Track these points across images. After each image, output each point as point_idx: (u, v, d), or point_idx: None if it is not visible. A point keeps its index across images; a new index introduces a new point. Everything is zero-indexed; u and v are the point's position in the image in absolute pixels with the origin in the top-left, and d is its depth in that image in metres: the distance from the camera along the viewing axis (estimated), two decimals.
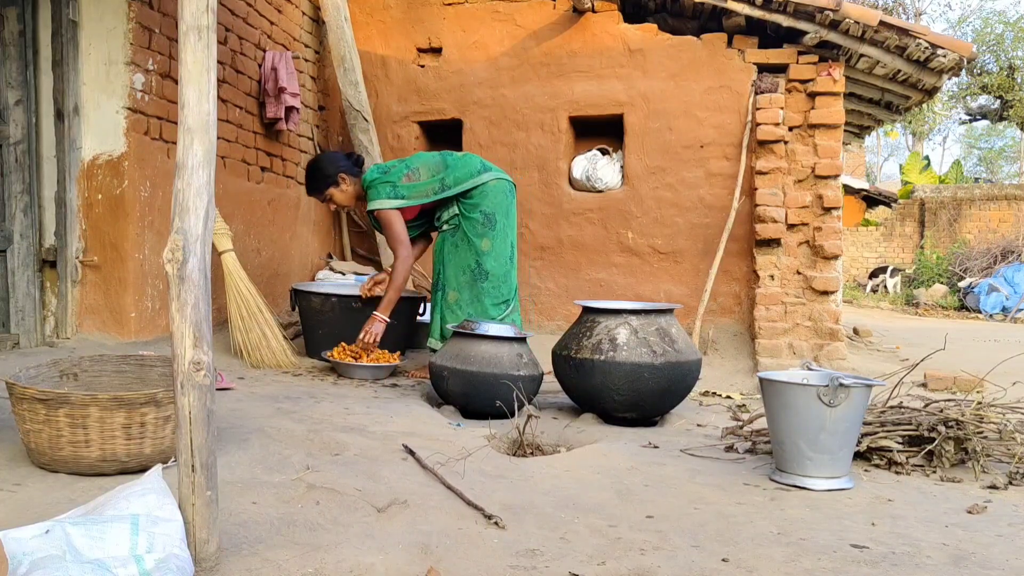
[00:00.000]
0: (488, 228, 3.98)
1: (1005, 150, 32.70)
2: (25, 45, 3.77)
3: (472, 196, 4.00)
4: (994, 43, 18.45)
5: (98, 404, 2.08)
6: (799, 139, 4.95)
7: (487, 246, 3.98)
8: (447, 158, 4.12)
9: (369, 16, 5.72)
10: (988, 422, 2.75)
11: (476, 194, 4.00)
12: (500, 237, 4.02)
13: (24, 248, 3.81)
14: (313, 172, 4.22)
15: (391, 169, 4.09)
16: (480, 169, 4.05)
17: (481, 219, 3.98)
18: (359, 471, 2.34)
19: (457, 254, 4.03)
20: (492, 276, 3.99)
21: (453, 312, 4.03)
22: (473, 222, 3.99)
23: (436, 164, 4.08)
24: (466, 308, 4.00)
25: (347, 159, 4.20)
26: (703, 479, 2.54)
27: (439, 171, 4.05)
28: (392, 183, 4.01)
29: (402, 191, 4.01)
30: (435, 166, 4.08)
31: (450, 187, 4.01)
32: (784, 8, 4.75)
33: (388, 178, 4.03)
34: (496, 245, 4.00)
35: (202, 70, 1.63)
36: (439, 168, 4.07)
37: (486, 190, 4.00)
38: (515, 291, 4.14)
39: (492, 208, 3.99)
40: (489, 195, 4.00)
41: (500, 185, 4.04)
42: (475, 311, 3.98)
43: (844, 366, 4.58)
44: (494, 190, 4.01)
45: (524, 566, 1.77)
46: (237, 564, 1.67)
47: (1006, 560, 1.89)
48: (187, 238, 1.60)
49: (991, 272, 12.60)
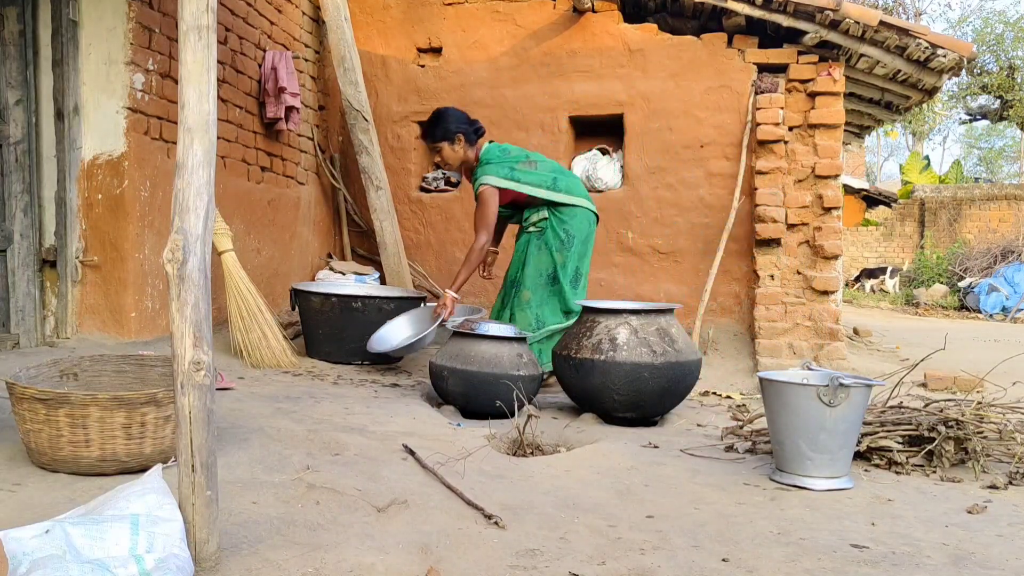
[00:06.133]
0: (568, 247, 4.09)
1: (1005, 150, 32.69)
2: (25, 45, 3.77)
3: (564, 213, 4.12)
4: (994, 43, 18.45)
5: (98, 404, 2.08)
6: (799, 139, 4.95)
7: (561, 261, 4.08)
8: (556, 165, 4.29)
9: (369, 16, 5.72)
10: (988, 422, 2.75)
11: (568, 213, 4.12)
12: (572, 259, 4.10)
13: (24, 248, 3.81)
14: (436, 120, 4.26)
15: (511, 151, 4.21)
16: (584, 195, 4.20)
17: (564, 236, 4.09)
18: (359, 471, 2.34)
19: (540, 257, 4.12)
20: (563, 284, 4.07)
21: (523, 311, 4.09)
22: (557, 235, 4.09)
23: (554, 166, 4.26)
24: (535, 309, 4.08)
25: (470, 124, 4.26)
26: (703, 479, 2.54)
27: (555, 172, 4.19)
28: (511, 165, 4.12)
29: (518, 175, 4.11)
30: (553, 167, 4.23)
31: (561, 191, 4.12)
32: (784, 8, 4.75)
33: (507, 159, 4.14)
34: (568, 263, 4.09)
35: (202, 70, 1.63)
36: (556, 170, 4.21)
37: (576, 212, 4.13)
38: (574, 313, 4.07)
39: (576, 231, 4.11)
40: (578, 218, 4.12)
41: (588, 215, 4.18)
42: (543, 313, 4.08)
43: (844, 366, 4.58)
44: (583, 216, 4.14)
45: (524, 566, 1.77)
46: (237, 564, 1.67)
47: (1006, 560, 1.89)
48: (187, 238, 1.60)
49: (991, 272, 12.59)
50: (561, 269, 4.06)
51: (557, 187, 4.10)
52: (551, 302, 4.08)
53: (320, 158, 5.74)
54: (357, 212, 5.81)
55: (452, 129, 4.15)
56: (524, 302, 4.10)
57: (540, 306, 4.08)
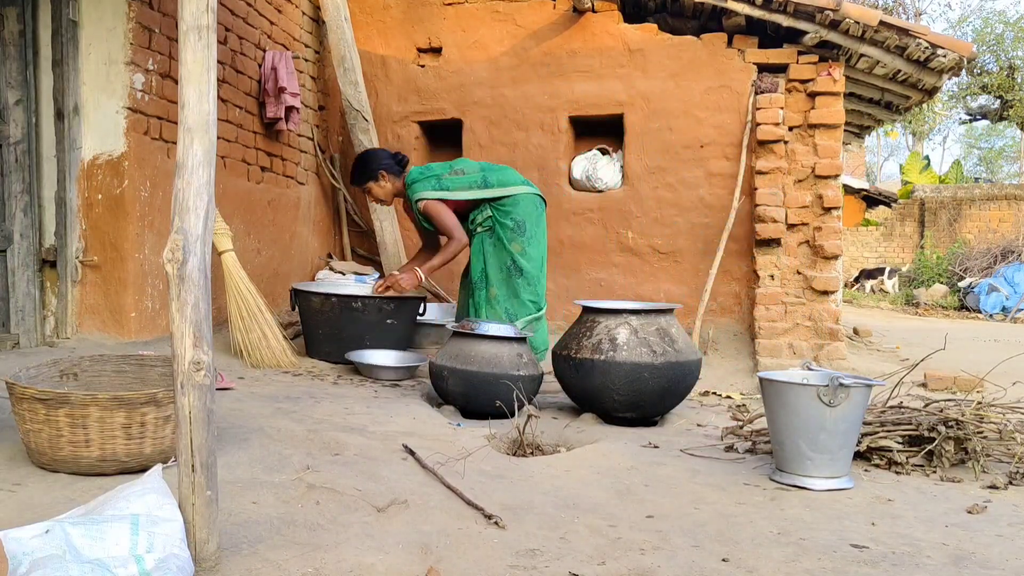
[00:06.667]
0: (519, 234, 4.19)
1: (1005, 150, 32.68)
2: (25, 45, 3.77)
3: (506, 204, 4.22)
4: (994, 43, 18.44)
5: (98, 404, 2.08)
6: (799, 139, 4.95)
7: (518, 249, 4.18)
8: (485, 164, 4.43)
9: (369, 16, 5.72)
10: (988, 422, 2.75)
11: (509, 203, 4.22)
12: (531, 243, 4.21)
13: (24, 248, 3.81)
14: (357, 165, 4.47)
15: (433, 168, 4.35)
16: (520, 181, 4.31)
17: (513, 225, 4.19)
18: (359, 471, 2.34)
19: (497, 253, 4.22)
20: (526, 273, 4.18)
21: (492, 307, 4.19)
22: (505, 227, 4.20)
23: (481, 165, 4.38)
24: (503, 303, 4.18)
25: (391, 158, 4.43)
26: (703, 479, 2.54)
27: (483, 170, 4.31)
28: (436, 176, 4.26)
29: (446, 183, 4.24)
30: (480, 167, 4.36)
31: (492, 186, 4.23)
32: (784, 8, 4.75)
33: (431, 173, 4.29)
34: (528, 250, 4.20)
35: (202, 70, 1.63)
36: (483, 168, 4.33)
37: (518, 199, 4.22)
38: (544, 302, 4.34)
39: (523, 216, 4.20)
40: (521, 204, 4.22)
41: (532, 198, 4.28)
42: (512, 306, 4.17)
43: (844, 366, 4.57)
44: (526, 200, 4.24)
45: (524, 566, 1.77)
46: (237, 564, 1.67)
47: (1006, 560, 1.89)
48: (187, 238, 1.60)
49: (991, 272, 12.59)
50: (522, 256, 4.16)
51: (488, 183, 4.23)
52: (519, 295, 4.18)
53: (320, 158, 5.74)
54: (357, 212, 5.81)
55: (373, 168, 4.35)
56: (492, 299, 4.21)
57: (507, 300, 4.18)
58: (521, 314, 4.16)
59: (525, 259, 4.17)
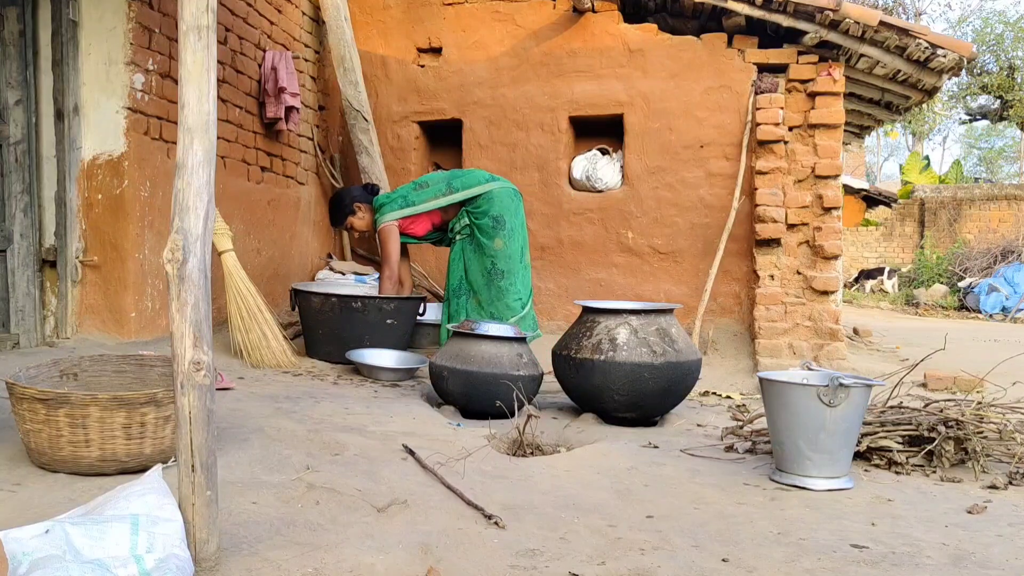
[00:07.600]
0: (499, 229, 4.25)
1: (1005, 150, 32.68)
2: (25, 45, 3.77)
3: (480, 204, 4.29)
4: (994, 43, 18.43)
5: (98, 404, 2.08)
6: (799, 139, 4.95)
7: (500, 244, 4.24)
8: (453, 171, 4.52)
9: (369, 16, 5.72)
10: (988, 422, 2.75)
11: (483, 201, 4.29)
12: (510, 237, 4.27)
13: (24, 248, 3.81)
14: (333, 205, 4.64)
15: (399, 190, 4.49)
16: (487, 179, 4.36)
17: (491, 223, 4.25)
18: (359, 471, 2.34)
19: (476, 258, 4.29)
20: (508, 274, 4.24)
21: (477, 312, 4.27)
22: (484, 228, 4.26)
23: (443, 175, 4.46)
24: (487, 307, 4.25)
25: (362, 189, 4.59)
26: (703, 479, 2.54)
27: (448, 177, 4.40)
28: (402, 197, 4.39)
29: (412, 199, 4.36)
30: (442, 177, 4.44)
31: (457, 190, 4.30)
32: (784, 8, 4.75)
33: (395, 196, 4.41)
34: (508, 244, 4.26)
35: (202, 70, 1.63)
36: (446, 177, 4.41)
37: (492, 196, 4.28)
38: (530, 292, 4.42)
39: (500, 211, 4.26)
40: (495, 200, 4.28)
41: (505, 192, 4.33)
42: (496, 309, 4.23)
43: (844, 366, 4.57)
44: (499, 195, 4.29)
45: (524, 566, 1.77)
46: (237, 564, 1.67)
47: (1006, 560, 1.89)
48: (187, 238, 1.60)
49: (991, 272, 12.59)
50: (502, 254, 4.23)
51: (453, 188, 4.32)
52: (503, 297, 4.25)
53: (320, 158, 5.74)
54: None
55: (347, 203, 4.50)
56: (476, 305, 4.28)
57: (492, 303, 4.25)
58: (507, 317, 4.20)
59: (504, 257, 4.22)
